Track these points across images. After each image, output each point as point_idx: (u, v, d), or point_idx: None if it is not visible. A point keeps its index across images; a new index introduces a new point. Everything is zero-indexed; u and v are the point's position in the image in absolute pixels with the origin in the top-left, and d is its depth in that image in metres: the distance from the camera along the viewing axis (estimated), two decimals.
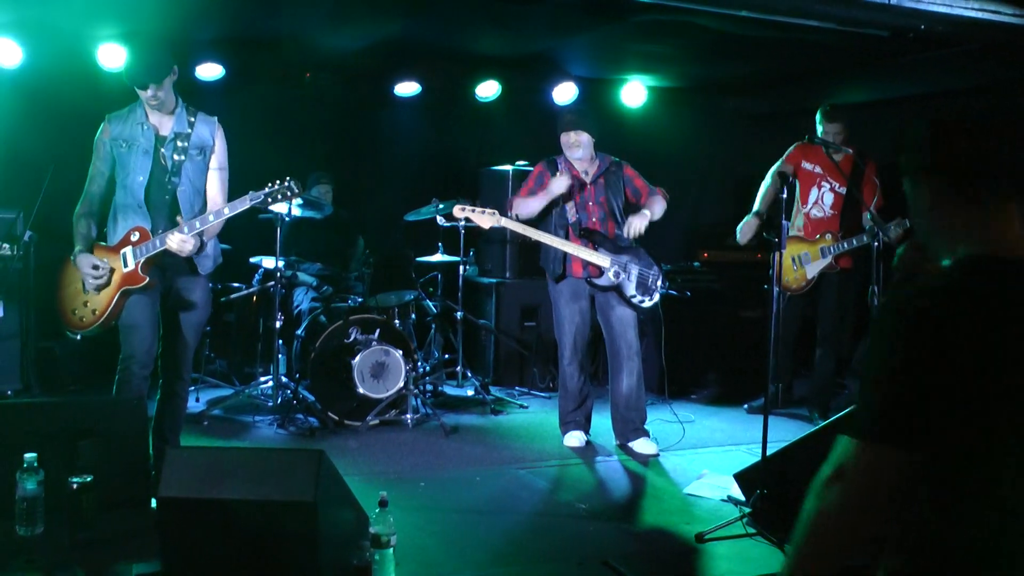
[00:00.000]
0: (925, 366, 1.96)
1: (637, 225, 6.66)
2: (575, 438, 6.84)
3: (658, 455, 6.59)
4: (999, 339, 1.97)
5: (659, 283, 6.79)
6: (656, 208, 6.79)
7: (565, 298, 6.85)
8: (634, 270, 6.67)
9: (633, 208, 6.85)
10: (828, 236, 7.49)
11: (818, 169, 7.60)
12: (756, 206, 7.64)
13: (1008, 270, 2.06)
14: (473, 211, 6.60)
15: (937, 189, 2.16)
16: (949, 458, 2.01)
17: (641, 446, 6.66)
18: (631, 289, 6.65)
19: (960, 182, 2.11)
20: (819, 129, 7.45)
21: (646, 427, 6.79)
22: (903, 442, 1.98)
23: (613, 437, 6.82)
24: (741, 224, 7.61)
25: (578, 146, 6.76)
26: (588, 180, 6.84)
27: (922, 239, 2.25)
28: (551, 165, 6.90)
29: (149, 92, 5.12)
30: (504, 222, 6.67)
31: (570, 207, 6.77)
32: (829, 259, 7.47)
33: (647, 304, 6.74)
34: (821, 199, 7.58)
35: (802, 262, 7.54)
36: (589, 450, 6.72)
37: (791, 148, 7.74)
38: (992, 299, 2.01)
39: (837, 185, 7.54)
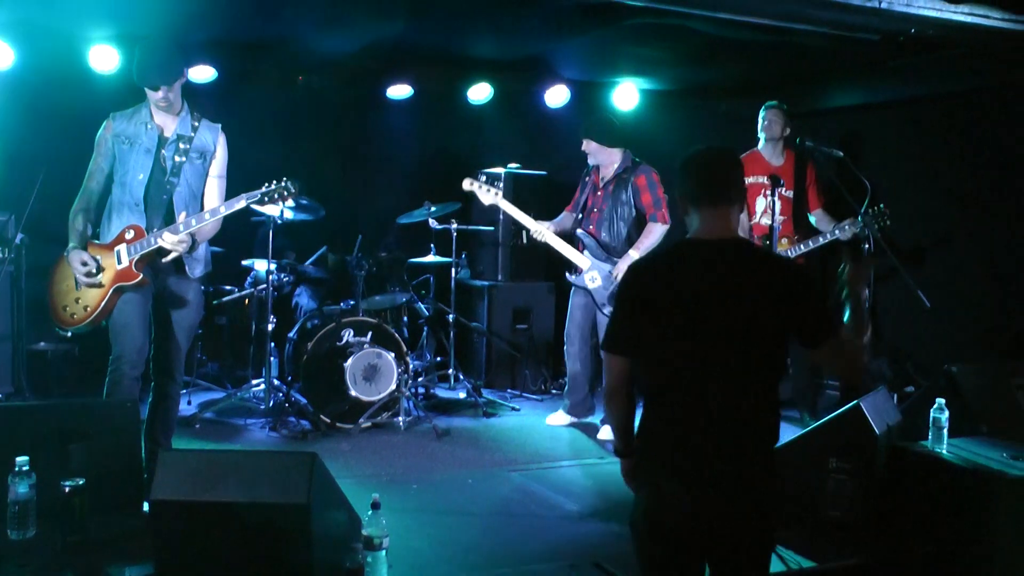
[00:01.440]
0: (623, 307, 3.39)
1: (623, 270, 6.81)
2: (558, 417, 7.53)
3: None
4: (653, 287, 3.32)
5: None
6: (645, 243, 6.95)
7: (573, 293, 7.31)
8: (611, 282, 6.92)
9: (642, 219, 7.09)
10: (784, 240, 7.51)
11: (761, 179, 7.59)
12: None
13: (687, 245, 3.44)
14: (480, 187, 7.15)
15: (683, 204, 3.48)
16: (643, 361, 3.35)
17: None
18: (602, 297, 6.96)
19: (685, 201, 3.47)
20: (759, 131, 7.74)
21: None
22: (619, 351, 3.39)
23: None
24: None
25: (588, 153, 7.17)
26: (601, 185, 7.18)
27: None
28: (586, 172, 7.39)
29: (160, 93, 5.14)
30: (501, 202, 7.22)
31: (586, 209, 7.24)
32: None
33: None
34: (770, 207, 7.40)
35: None
36: (582, 451, 6.73)
37: None
38: (656, 262, 3.58)
39: (783, 189, 7.50)
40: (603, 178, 7.22)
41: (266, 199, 5.15)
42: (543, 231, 7.08)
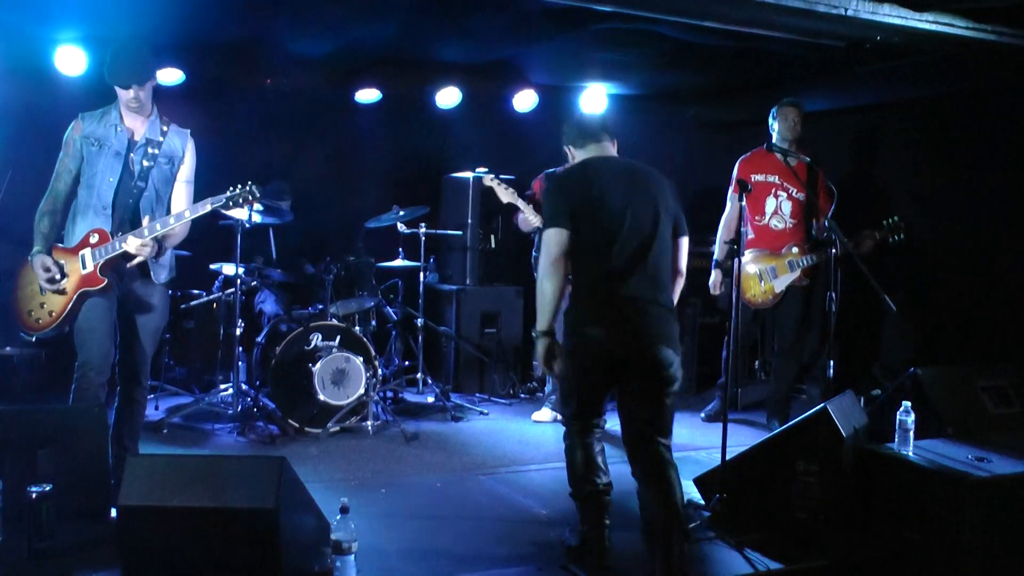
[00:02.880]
0: (556, 196, 4.56)
1: None
2: (543, 414, 7.69)
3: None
4: (575, 186, 4.55)
5: None
6: None
7: None
8: None
9: None
10: (795, 249, 7.30)
11: (772, 178, 7.40)
12: (716, 253, 7.56)
13: (587, 163, 4.68)
14: (499, 184, 7.47)
15: (572, 149, 4.86)
16: (576, 234, 4.42)
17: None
18: None
19: (575, 143, 4.83)
20: (775, 130, 7.41)
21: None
22: (560, 226, 4.40)
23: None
24: (711, 280, 7.59)
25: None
26: None
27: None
28: None
29: (131, 93, 5.11)
30: (518, 201, 7.49)
31: None
32: (797, 272, 7.28)
33: None
34: (780, 208, 7.37)
35: (769, 277, 7.33)
36: (551, 455, 6.75)
37: (738, 163, 7.56)
38: (575, 171, 4.70)
39: (795, 191, 7.34)
40: None
41: (231, 203, 5.13)
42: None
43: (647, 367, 4.39)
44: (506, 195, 7.47)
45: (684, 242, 4.70)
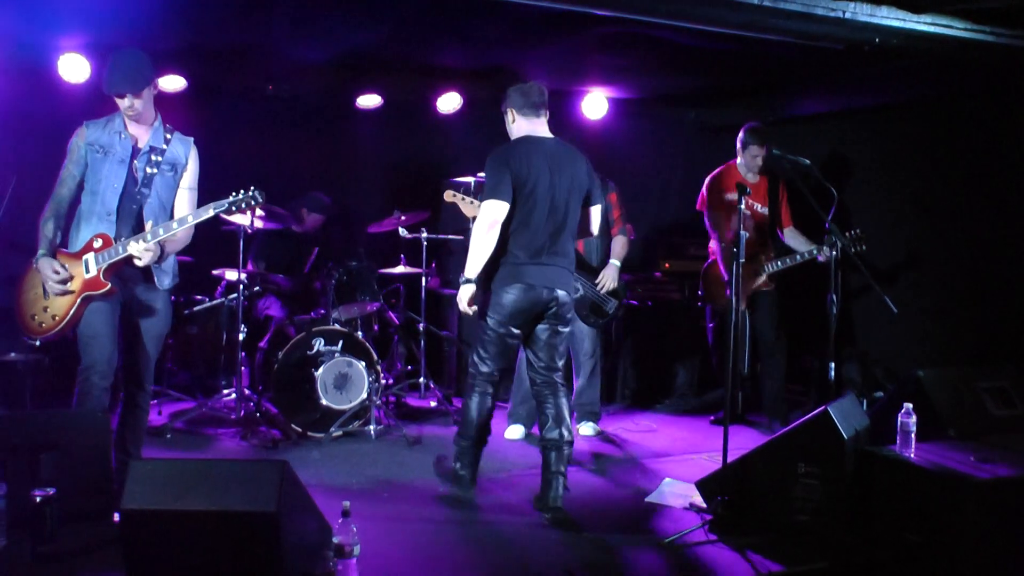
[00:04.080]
0: (499, 171, 5.41)
1: (611, 277, 7.29)
2: (515, 431, 7.46)
3: (597, 435, 7.58)
4: (514, 163, 5.40)
5: (606, 308, 7.38)
6: (622, 253, 7.42)
7: None
8: (594, 291, 7.27)
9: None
10: (760, 256, 7.62)
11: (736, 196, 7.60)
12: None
13: (525, 141, 5.56)
14: (463, 199, 6.83)
15: (512, 114, 5.72)
16: (512, 205, 5.38)
17: (583, 428, 7.58)
18: (583, 307, 7.25)
19: (516, 112, 5.68)
20: (747, 149, 7.68)
21: (596, 420, 7.70)
22: (500, 199, 5.37)
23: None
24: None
25: None
26: None
27: None
28: None
29: (127, 102, 5.12)
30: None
31: None
32: (763, 277, 7.63)
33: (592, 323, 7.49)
34: (741, 218, 7.54)
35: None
36: None
37: (708, 181, 7.89)
38: (514, 148, 5.54)
39: (758, 206, 7.73)
40: None
41: (234, 208, 5.15)
42: None
43: (548, 308, 5.57)
44: (471, 209, 7.01)
45: (595, 210, 5.80)
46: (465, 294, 5.62)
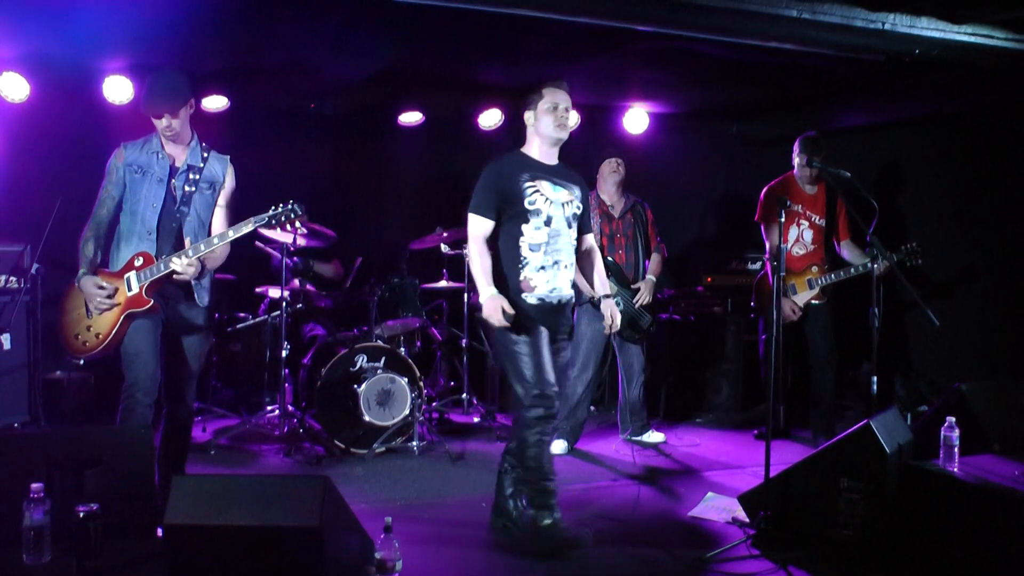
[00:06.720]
0: (487, 189, 5.42)
1: (648, 291, 7.51)
2: (558, 446, 7.38)
3: (666, 442, 7.77)
4: (502, 176, 5.45)
5: (641, 323, 7.55)
6: (659, 270, 7.61)
7: (585, 319, 7.42)
8: (632, 307, 7.46)
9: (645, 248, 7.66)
10: (814, 268, 7.55)
11: (796, 207, 7.63)
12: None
13: (514, 157, 5.64)
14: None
15: (526, 119, 5.68)
16: (499, 223, 5.37)
17: (649, 436, 7.76)
18: (623, 321, 7.14)
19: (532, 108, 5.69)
20: (802, 158, 7.57)
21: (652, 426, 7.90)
22: (481, 214, 5.36)
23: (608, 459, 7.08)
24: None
25: (614, 178, 7.66)
26: (616, 214, 7.58)
27: None
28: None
29: (164, 122, 5.18)
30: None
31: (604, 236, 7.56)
32: (816, 290, 7.54)
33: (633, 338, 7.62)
34: (801, 236, 7.63)
35: (790, 293, 7.55)
36: (596, 474, 6.75)
37: (764, 192, 7.82)
38: (503, 165, 5.54)
39: (817, 218, 7.65)
40: (611, 206, 7.57)
41: (273, 222, 5.18)
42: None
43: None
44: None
45: (588, 238, 5.78)
46: (489, 307, 5.21)
